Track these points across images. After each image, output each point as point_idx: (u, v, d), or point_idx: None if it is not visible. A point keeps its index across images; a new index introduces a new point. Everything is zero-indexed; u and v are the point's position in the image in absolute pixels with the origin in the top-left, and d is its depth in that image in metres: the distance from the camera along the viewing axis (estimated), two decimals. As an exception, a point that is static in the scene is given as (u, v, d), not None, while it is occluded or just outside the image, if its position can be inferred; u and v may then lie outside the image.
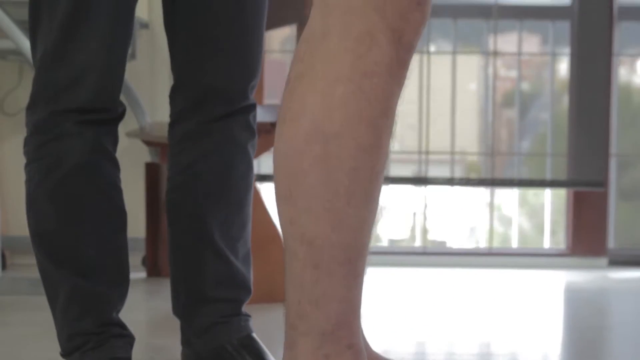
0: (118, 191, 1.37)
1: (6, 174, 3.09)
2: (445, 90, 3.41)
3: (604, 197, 3.16)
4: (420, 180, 3.20)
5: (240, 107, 1.45)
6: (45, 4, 1.38)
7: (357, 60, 0.92)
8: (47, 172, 1.33)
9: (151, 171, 2.86)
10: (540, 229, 3.31)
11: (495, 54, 3.38)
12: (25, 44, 2.36)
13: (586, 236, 3.18)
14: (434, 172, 3.25)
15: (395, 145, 3.43)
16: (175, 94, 1.46)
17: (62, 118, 1.33)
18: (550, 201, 3.27)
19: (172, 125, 1.46)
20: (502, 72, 3.45)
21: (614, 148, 3.25)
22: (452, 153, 3.28)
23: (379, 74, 0.92)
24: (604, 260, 3.21)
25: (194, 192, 1.44)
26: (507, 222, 3.29)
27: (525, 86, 3.42)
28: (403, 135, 3.45)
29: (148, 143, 2.84)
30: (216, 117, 1.43)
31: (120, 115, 1.37)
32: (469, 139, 3.35)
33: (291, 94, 0.94)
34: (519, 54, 3.42)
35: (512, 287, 2.74)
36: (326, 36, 0.93)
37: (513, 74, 3.44)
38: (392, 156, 3.39)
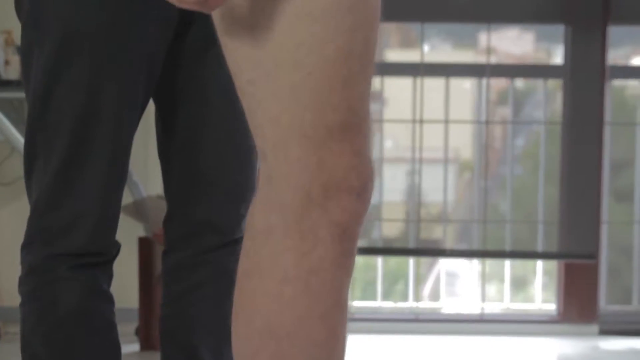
0: (112, 327, 1.38)
1: (0, 244, 3.11)
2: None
3: (594, 267, 3.18)
4: (410, 252, 3.21)
5: (233, 239, 1.47)
6: (40, 146, 1.40)
7: (302, 258, 0.95)
8: (42, 316, 1.35)
9: (144, 245, 2.88)
10: (530, 296, 3.33)
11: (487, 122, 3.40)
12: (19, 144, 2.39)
13: (577, 303, 3.20)
14: (427, 172, 3.25)
15: (388, 143, 3.46)
16: (169, 223, 1.48)
17: (56, 262, 1.35)
18: (542, 267, 3.30)
19: (166, 252, 1.48)
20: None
21: (605, 216, 3.27)
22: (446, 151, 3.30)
23: (325, 269, 0.95)
24: (594, 328, 3.23)
25: (188, 322, 1.46)
26: (499, 280, 3.31)
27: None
28: (397, 134, 3.47)
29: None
30: (210, 248, 1.46)
31: (116, 255, 1.39)
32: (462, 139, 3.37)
33: (241, 292, 0.97)
34: (512, 121, 3.44)
35: (504, 357, 2.76)
36: (270, 234, 0.96)
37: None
38: (386, 154, 3.40)
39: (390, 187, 3.43)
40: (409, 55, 3.44)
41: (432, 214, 3.41)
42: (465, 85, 3.69)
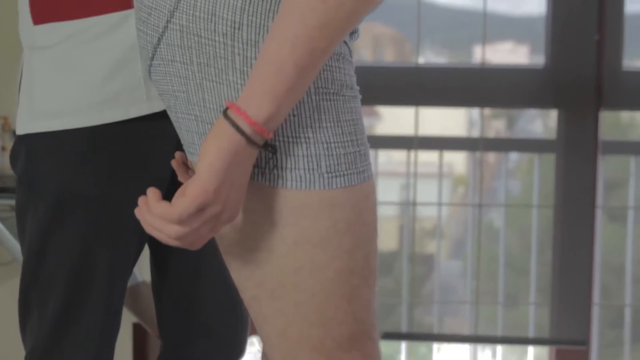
0: None
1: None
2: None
3: (585, 352, 3.20)
4: (402, 336, 3.23)
5: None
6: (35, 301, 1.42)
7: None
8: None
9: (138, 332, 2.89)
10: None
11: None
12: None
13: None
14: (422, 186, 3.26)
15: (382, 157, 3.48)
16: None
17: None
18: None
19: None
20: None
21: (596, 298, 3.29)
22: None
23: None
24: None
25: None
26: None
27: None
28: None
29: (136, 307, 2.87)
30: None
31: None
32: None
33: None
34: (505, 205, 3.46)
35: None
36: None
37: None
38: (380, 168, 3.41)
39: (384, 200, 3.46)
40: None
41: (426, 229, 3.43)
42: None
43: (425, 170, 3.51)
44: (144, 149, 1.40)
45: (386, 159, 3.54)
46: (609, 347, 3.32)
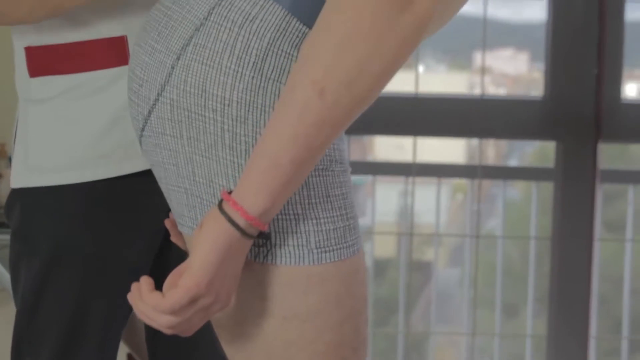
0: None
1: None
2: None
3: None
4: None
5: None
6: (27, 353, 1.42)
7: None
8: None
9: (133, 363, 2.88)
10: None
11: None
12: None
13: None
14: (420, 193, 3.25)
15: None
16: None
17: None
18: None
19: None
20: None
21: (593, 331, 3.28)
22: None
23: None
24: None
25: None
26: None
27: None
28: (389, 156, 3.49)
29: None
30: None
31: None
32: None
33: None
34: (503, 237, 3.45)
35: None
36: None
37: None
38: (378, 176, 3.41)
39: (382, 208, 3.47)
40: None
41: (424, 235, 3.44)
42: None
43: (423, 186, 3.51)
44: (139, 203, 1.40)
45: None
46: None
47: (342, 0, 0.98)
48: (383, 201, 3.53)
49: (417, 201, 3.31)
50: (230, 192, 1.04)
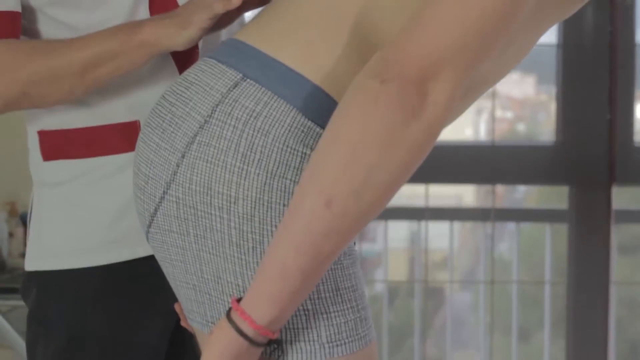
0: None
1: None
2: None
3: None
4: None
5: None
6: None
7: None
8: None
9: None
10: None
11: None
12: None
13: None
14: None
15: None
16: None
17: None
18: None
19: None
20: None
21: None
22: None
23: None
24: None
25: None
26: None
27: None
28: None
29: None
30: None
31: None
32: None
33: None
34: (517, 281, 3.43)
35: None
36: None
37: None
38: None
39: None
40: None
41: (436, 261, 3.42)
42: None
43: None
44: (153, 284, 1.40)
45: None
46: None
47: (351, 108, 0.96)
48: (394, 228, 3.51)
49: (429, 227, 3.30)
50: (239, 300, 1.03)
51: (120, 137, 1.38)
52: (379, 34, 1.08)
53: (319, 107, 1.07)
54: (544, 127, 3.53)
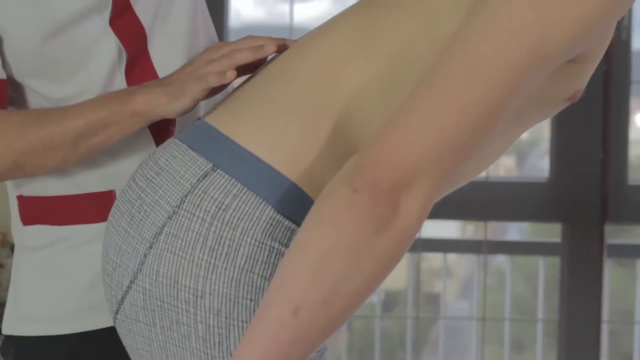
0: None
1: None
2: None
3: None
4: None
5: None
6: None
7: None
8: None
9: None
10: None
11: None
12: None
13: None
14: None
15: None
16: None
17: None
18: None
19: None
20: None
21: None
22: None
23: None
24: None
25: None
26: None
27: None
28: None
29: None
30: None
31: None
32: None
33: None
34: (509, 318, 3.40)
35: None
36: None
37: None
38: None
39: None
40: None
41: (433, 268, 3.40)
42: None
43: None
44: (126, 353, 1.38)
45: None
46: None
47: (322, 215, 0.94)
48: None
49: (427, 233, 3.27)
50: None
51: (96, 207, 1.37)
52: (358, 131, 1.06)
53: (289, 200, 1.06)
54: (538, 164, 3.51)
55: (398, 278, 3.47)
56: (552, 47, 0.97)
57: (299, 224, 1.03)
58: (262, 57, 1.18)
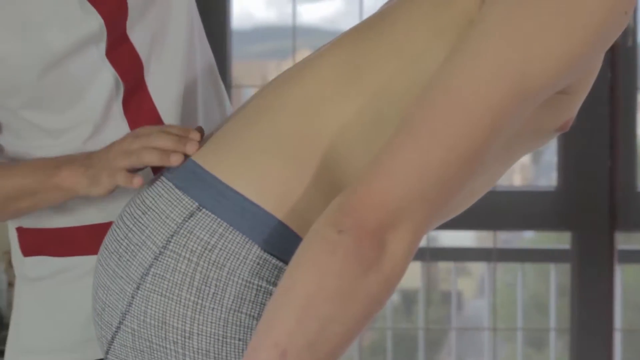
0: None
1: None
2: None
3: None
4: None
5: None
6: None
7: None
8: None
9: None
10: None
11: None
12: None
13: None
14: None
15: None
16: None
17: None
18: None
19: None
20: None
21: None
22: None
23: None
24: None
25: None
26: None
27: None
28: None
29: None
30: None
31: None
32: None
33: None
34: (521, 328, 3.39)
35: None
36: None
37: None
38: None
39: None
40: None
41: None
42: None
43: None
44: None
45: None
46: None
47: (307, 258, 0.94)
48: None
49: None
50: None
51: (96, 238, 1.36)
52: (343, 166, 1.06)
53: (276, 238, 1.05)
54: (545, 173, 3.50)
55: (413, 278, 3.46)
56: (534, 84, 0.96)
57: (286, 262, 1.03)
58: (167, 165, 1.15)
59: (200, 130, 1.21)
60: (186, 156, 1.13)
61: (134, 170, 1.21)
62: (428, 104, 0.95)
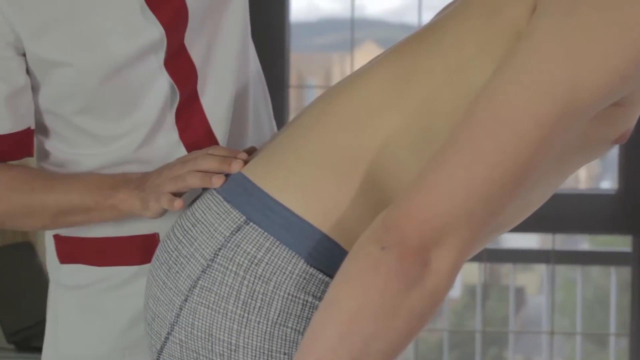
0: None
1: None
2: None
3: None
4: None
5: None
6: None
7: None
8: None
9: None
10: None
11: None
12: None
13: None
14: None
15: None
16: None
17: None
18: None
19: None
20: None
21: None
22: None
23: None
24: None
25: None
26: None
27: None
28: None
29: None
30: None
31: None
32: None
33: None
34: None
35: None
36: None
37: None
38: None
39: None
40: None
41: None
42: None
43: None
44: None
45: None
46: None
47: (350, 274, 0.93)
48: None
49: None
50: None
51: (138, 249, 1.38)
52: (391, 182, 1.05)
53: (322, 254, 1.05)
54: (606, 175, 3.45)
55: (472, 274, 3.44)
56: (584, 98, 0.94)
57: (332, 277, 1.03)
58: (209, 187, 1.17)
59: (250, 150, 1.22)
60: None
61: (179, 193, 1.23)
62: (474, 119, 0.94)
